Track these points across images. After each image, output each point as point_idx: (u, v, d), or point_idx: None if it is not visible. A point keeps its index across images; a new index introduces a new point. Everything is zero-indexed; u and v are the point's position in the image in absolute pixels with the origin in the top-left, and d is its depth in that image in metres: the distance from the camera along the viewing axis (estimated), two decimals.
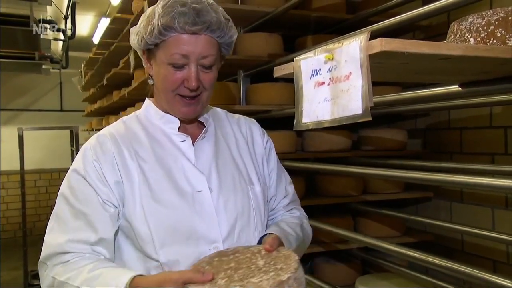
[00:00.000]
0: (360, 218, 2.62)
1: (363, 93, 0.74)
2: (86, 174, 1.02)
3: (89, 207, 1.00)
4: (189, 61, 1.01)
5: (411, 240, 2.52)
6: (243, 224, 1.06)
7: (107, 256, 1.01)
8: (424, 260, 1.59)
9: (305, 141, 2.49)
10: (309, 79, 0.86)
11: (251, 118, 1.28)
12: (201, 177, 1.05)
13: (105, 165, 1.02)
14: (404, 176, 1.63)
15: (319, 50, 0.84)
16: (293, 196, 1.26)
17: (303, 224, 1.22)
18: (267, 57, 2.35)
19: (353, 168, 1.95)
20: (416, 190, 2.66)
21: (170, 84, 1.03)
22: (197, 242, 1.00)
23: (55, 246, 0.99)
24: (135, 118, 1.13)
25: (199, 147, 1.09)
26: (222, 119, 1.20)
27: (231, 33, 1.06)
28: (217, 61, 1.06)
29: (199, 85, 1.03)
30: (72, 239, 0.98)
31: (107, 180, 1.01)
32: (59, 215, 1.02)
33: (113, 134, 1.07)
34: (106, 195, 1.01)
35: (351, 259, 2.62)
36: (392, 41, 0.72)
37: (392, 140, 2.52)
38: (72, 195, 1.02)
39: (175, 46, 1.00)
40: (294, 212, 1.24)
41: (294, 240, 1.10)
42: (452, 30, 0.91)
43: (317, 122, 0.84)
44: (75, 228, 1.00)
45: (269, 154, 1.22)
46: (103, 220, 1.00)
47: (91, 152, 1.04)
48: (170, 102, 1.07)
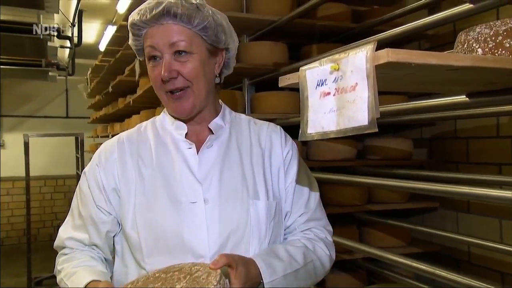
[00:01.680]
0: (365, 228, 2.60)
1: (369, 104, 0.73)
2: (89, 177, 1.09)
3: (86, 211, 1.07)
4: (161, 53, 1.00)
5: (417, 250, 2.49)
6: (236, 241, 1.00)
7: (103, 255, 1.09)
8: (430, 272, 1.56)
9: (310, 150, 2.48)
10: (315, 89, 0.85)
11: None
12: (198, 188, 1.02)
13: (104, 171, 1.06)
14: (410, 186, 1.61)
15: (325, 60, 0.83)
16: (314, 213, 1.13)
17: (316, 248, 1.08)
18: (272, 65, 2.35)
19: (358, 178, 1.93)
20: (421, 200, 2.63)
21: (153, 81, 1.04)
22: (184, 255, 0.98)
23: (60, 239, 1.10)
24: (152, 123, 1.15)
25: (203, 155, 1.06)
26: (242, 126, 1.14)
27: (200, 17, 1.00)
28: (196, 50, 1.01)
29: (175, 76, 1.00)
30: (72, 237, 1.09)
31: (104, 186, 1.05)
32: (72, 210, 1.12)
33: (122, 140, 1.10)
34: (100, 201, 1.05)
35: (356, 269, 2.60)
36: (399, 51, 0.71)
37: (398, 150, 2.50)
38: (79, 194, 1.10)
39: (146, 40, 1.03)
40: (309, 233, 1.11)
41: (282, 268, 0.98)
42: (460, 40, 0.90)
43: (322, 133, 0.82)
44: (77, 226, 1.09)
45: (289, 166, 1.12)
46: (94, 226, 1.06)
47: (97, 157, 1.10)
48: (165, 102, 1.07)
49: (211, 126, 1.09)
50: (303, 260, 1.04)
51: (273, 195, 1.08)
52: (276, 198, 1.08)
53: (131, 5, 3.26)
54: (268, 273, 0.95)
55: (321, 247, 1.10)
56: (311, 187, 1.15)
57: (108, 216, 1.05)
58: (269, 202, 1.05)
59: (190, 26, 1.00)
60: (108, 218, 1.05)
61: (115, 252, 1.10)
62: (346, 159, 2.43)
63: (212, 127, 1.09)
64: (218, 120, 1.11)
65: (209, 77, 1.06)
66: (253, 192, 1.05)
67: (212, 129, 1.09)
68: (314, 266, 1.07)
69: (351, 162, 2.45)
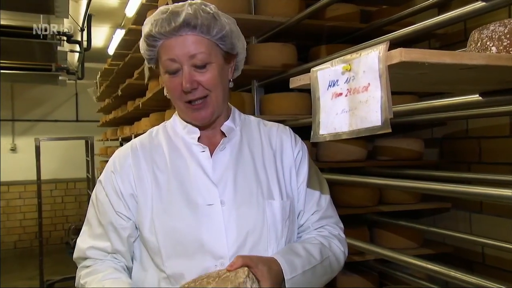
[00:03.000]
0: (376, 229, 2.58)
1: (382, 104, 0.72)
2: (105, 185, 1.08)
3: (105, 219, 1.07)
4: (180, 64, 1.01)
5: (429, 252, 2.46)
6: (254, 241, 1.02)
7: (125, 263, 1.08)
8: (443, 273, 1.54)
9: (320, 151, 2.47)
10: (326, 90, 0.85)
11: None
12: (214, 190, 1.03)
13: (120, 177, 1.06)
14: (421, 187, 1.59)
15: (336, 60, 0.83)
16: (326, 211, 1.15)
17: (331, 245, 1.11)
18: (281, 67, 2.35)
19: (368, 178, 1.92)
20: (433, 200, 2.61)
21: (172, 92, 1.05)
22: (203, 257, 0.99)
23: (81, 250, 1.09)
24: (163, 128, 1.16)
25: (217, 158, 1.07)
26: (252, 128, 1.16)
27: (218, 27, 1.01)
28: (214, 59, 1.02)
29: (195, 87, 1.01)
30: (93, 246, 1.07)
31: (122, 192, 1.06)
32: (88, 220, 1.11)
33: (135, 146, 1.11)
34: (119, 207, 1.05)
35: (367, 271, 2.58)
36: (412, 51, 0.70)
37: (408, 150, 2.48)
38: (96, 203, 1.09)
39: (164, 53, 1.02)
40: (323, 230, 1.14)
41: (301, 265, 1.01)
42: (473, 39, 0.89)
43: (334, 134, 0.82)
44: (97, 235, 1.08)
45: (299, 165, 1.14)
46: (115, 233, 1.05)
47: (111, 164, 1.10)
48: (182, 111, 1.08)
49: (223, 129, 1.10)
50: (320, 256, 1.06)
51: (286, 195, 1.09)
52: (289, 198, 1.10)
53: (140, 9, 3.28)
54: (289, 270, 0.98)
55: (336, 244, 1.13)
56: (322, 186, 1.17)
57: (128, 221, 1.05)
58: (283, 202, 1.07)
59: (209, 36, 1.02)
60: (128, 223, 1.05)
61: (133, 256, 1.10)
62: (356, 160, 2.41)
63: (224, 129, 1.10)
64: (229, 122, 1.12)
65: (225, 83, 1.08)
66: (268, 193, 1.07)
67: (224, 131, 1.10)
68: (330, 262, 1.09)
69: (362, 163, 2.43)
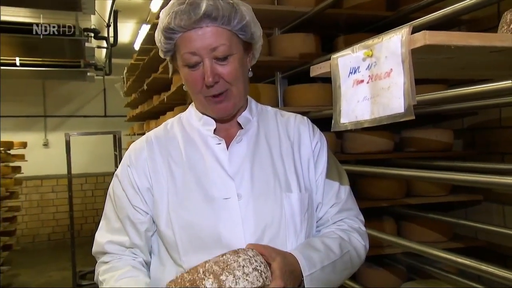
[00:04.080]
0: (404, 222, 2.52)
1: (405, 90, 0.69)
2: (122, 179, 1.07)
3: (122, 213, 1.06)
4: (201, 57, 0.97)
5: (459, 245, 2.39)
6: (272, 234, 0.99)
7: (143, 258, 1.07)
8: (475, 267, 1.48)
9: (345, 143, 2.43)
10: (347, 77, 0.82)
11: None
12: (231, 183, 1.01)
13: (136, 171, 1.05)
14: (451, 178, 1.53)
15: (357, 46, 0.80)
16: (345, 204, 1.12)
17: (351, 239, 1.07)
18: (305, 58, 2.31)
19: (396, 170, 1.87)
20: (463, 192, 2.52)
21: (192, 86, 1.02)
22: (221, 251, 0.95)
23: (99, 245, 1.08)
24: (178, 120, 1.14)
25: (234, 150, 1.05)
26: (269, 119, 1.13)
27: (238, 17, 0.98)
28: (234, 50, 0.99)
29: (217, 81, 0.98)
30: (111, 241, 1.06)
31: (138, 186, 1.04)
32: (106, 214, 1.11)
33: (150, 139, 1.09)
34: (136, 201, 1.04)
35: (394, 264, 2.53)
36: (437, 33, 0.66)
37: (437, 141, 2.40)
38: (113, 197, 1.09)
39: (183, 46, 0.99)
40: (342, 224, 1.10)
41: (320, 260, 0.98)
42: (505, 20, 0.84)
43: (356, 122, 0.79)
44: (115, 229, 1.07)
45: (318, 157, 1.11)
46: (133, 227, 1.04)
47: (127, 157, 1.09)
48: (203, 105, 1.05)
49: (240, 120, 1.08)
50: (340, 251, 1.03)
51: (304, 187, 1.06)
52: (308, 190, 1.07)
53: (164, 4, 3.28)
54: (307, 266, 0.95)
55: (356, 238, 1.09)
56: (341, 177, 1.14)
57: (145, 215, 1.04)
58: (301, 194, 1.04)
59: (230, 27, 0.98)
60: (145, 217, 1.04)
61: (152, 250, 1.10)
62: (383, 152, 2.36)
63: (241, 121, 1.08)
64: (246, 113, 1.10)
65: (245, 74, 1.06)
66: (285, 185, 1.04)
67: (241, 123, 1.08)
68: (350, 257, 1.05)
69: (388, 154, 2.38)
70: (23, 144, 5.77)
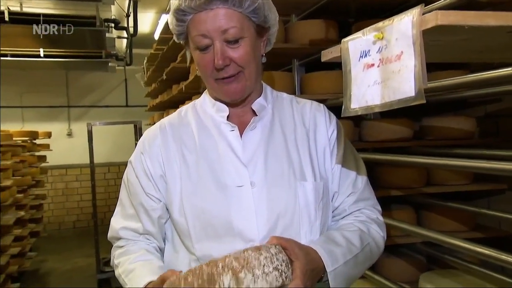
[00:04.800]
0: (424, 211, 2.47)
1: (416, 73, 0.67)
2: (135, 166, 1.08)
3: (136, 200, 1.06)
4: (211, 40, 0.96)
5: (481, 235, 2.33)
6: (285, 223, 0.98)
7: (157, 244, 1.08)
8: (497, 257, 1.43)
9: (363, 131, 2.39)
10: (358, 61, 0.80)
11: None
12: (244, 171, 1.00)
13: (150, 158, 1.05)
14: (473, 165, 1.46)
15: (368, 29, 0.78)
16: (362, 193, 1.09)
17: (370, 230, 1.05)
18: (322, 45, 2.27)
19: (415, 158, 1.82)
20: (487, 181, 2.45)
21: (203, 69, 1.01)
22: (233, 239, 0.96)
23: (114, 230, 1.10)
24: (192, 107, 1.13)
25: (247, 137, 1.03)
26: (284, 106, 1.11)
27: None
28: (246, 34, 0.98)
29: (228, 64, 0.97)
30: (126, 227, 1.08)
31: (151, 173, 1.04)
32: (121, 200, 1.12)
33: (164, 126, 1.09)
34: (149, 188, 1.04)
35: (413, 254, 2.49)
36: (450, 13, 0.63)
37: (458, 129, 2.33)
38: (127, 184, 1.09)
39: (194, 28, 0.98)
40: (360, 215, 1.08)
41: (342, 254, 0.96)
42: None
43: (366, 107, 0.77)
44: (130, 216, 1.08)
45: (334, 145, 1.08)
46: (146, 214, 1.05)
47: (141, 144, 1.09)
48: (213, 88, 1.04)
49: (254, 107, 1.06)
50: (361, 244, 1.01)
51: (320, 176, 1.04)
52: (323, 179, 1.05)
53: None
54: (330, 261, 0.93)
55: (375, 229, 1.07)
56: (358, 166, 1.11)
57: (158, 203, 1.04)
58: (316, 183, 1.02)
59: (241, 9, 0.96)
60: (158, 205, 1.04)
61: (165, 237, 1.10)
62: (402, 139, 2.31)
63: (256, 107, 1.06)
64: (261, 100, 1.08)
65: (258, 59, 1.04)
66: (300, 174, 1.02)
67: (255, 109, 1.06)
68: (370, 249, 1.03)
69: (407, 142, 2.33)
70: (47, 134, 5.91)
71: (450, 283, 2.06)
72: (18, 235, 4.21)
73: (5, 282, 3.82)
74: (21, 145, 4.96)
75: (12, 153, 4.38)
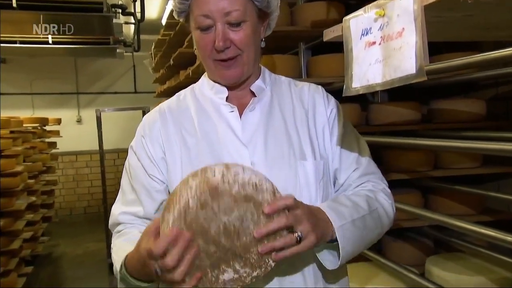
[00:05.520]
0: (431, 195, 2.46)
1: (417, 50, 0.65)
2: (137, 150, 1.08)
3: (138, 183, 1.06)
4: (213, 21, 0.96)
5: (489, 219, 2.31)
6: None
7: None
8: (506, 240, 1.42)
9: (370, 115, 2.37)
10: (359, 39, 0.79)
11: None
12: (244, 151, 1.00)
13: (150, 141, 1.05)
14: (481, 147, 1.42)
15: (370, 6, 0.76)
16: (367, 168, 1.09)
17: (377, 197, 1.05)
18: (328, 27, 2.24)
19: (423, 140, 1.80)
20: (496, 165, 2.41)
21: (202, 49, 1.01)
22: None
23: (114, 216, 1.10)
24: (191, 90, 1.13)
25: (247, 118, 1.04)
26: (283, 88, 1.12)
27: None
28: (248, 17, 0.98)
29: (228, 46, 0.97)
30: (125, 211, 1.08)
31: (153, 156, 1.05)
32: (122, 187, 1.11)
33: (163, 109, 1.10)
34: (152, 170, 1.04)
35: (421, 238, 2.48)
36: None
37: (468, 112, 2.29)
38: (129, 169, 1.09)
39: (197, 7, 0.98)
40: (366, 185, 1.08)
41: (349, 213, 0.95)
42: None
43: (367, 86, 0.76)
44: (130, 201, 1.08)
45: (333, 124, 1.09)
46: (148, 196, 1.05)
47: (141, 129, 1.09)
48: (211, 69, 1.04)
49: (253, 89, 1.07)
50: (368, 207, 1.00)
51: (320, 155, 1.05)
52: (323, 158, 1.05)
53: None
54: (337, 218, 0.92)
55: (383, 197, 1.06)
56: (360, 144, 1.11)
57: (161, 184, 1.05)
58: (316, 162, 1.02)
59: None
60: (161, 186, 1.04)
61: None
62: (409, 122, 2.29)
63: (254, 89, 1.07)
64: (260, 82, 1.09)
65: (257, 43, 1.04)
66: (300, 153, 1.02)
67: (254, 91, 1.07)
68: (379, 214, 1.02)
69: (415, 126, 2.30)
70: (57, 121, 5.96)
71: (456, 266, 2.06)
72: (30, 220, 4.28)
73: (19, 266, 3.90)
74: (32, 131, 5.01)
75: (22, 139, 4.43)
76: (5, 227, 3.55)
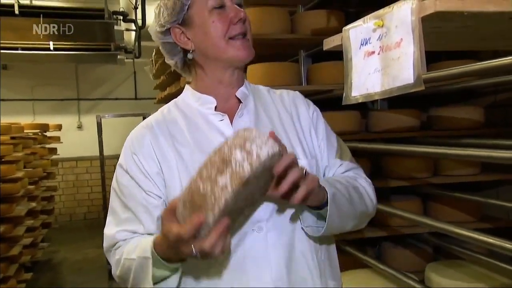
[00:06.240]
0: (431, 202, 2.47)
1: (414, 60, 0.67)
2: (128, 168, 1.04)
3: (132, 202, 1.03)
4: (223, 1, 1.04)
5: (488, 226, 2.32)
6: (283, 203, 0.98)
7: None
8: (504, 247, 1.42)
9: (370, 122, 2.39)
10: (358, 49, 0.80)
11: (308, 97, 1.22)
12: None
13: (143, 157, 1.03)
14: (483, 155, 1.43)
15: (369, 17, 0.78)
16: (349, 164, 1.16)
17: (358, 180, 1.11)
18: (329, 35, 2.26)
19: (422, 147, 1.81)
20: (495, 172, 2.43)
21: (221, 26, 1.03)
22: (240, 223, 0.97)
23: (110, 238, 1.05)
24: (174, 105, 1.13)
25: (238, 124, 1.06)
26: (263, 95, 1.16)
27: None
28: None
29: (244, 17, 1.04)
30: (123, 229, 1.03)
31: (147, 171, 1.02)
32: (112, 208, 1.06)
33: (150, 124, 1.08)
34: (149, 186, 1.02)
35: (420, 245, 2.49)
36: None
37: (467, 119, 2.31)
38: (120, 189, 1.05)
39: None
40: (348, 173, 1.15)
41: (333, 184, 1.01)
42: None
43: (366, 95, 0.78)
44: (125, 219, 1.03)
45: (316, 124, 1.15)
46: (147, 214, 1.01)
47: (129, 146, 1.07)
48: (225, 51, 1.05)
49: (239, 95, 1.10)
50: (348, 183, 1.06)
51: (310, 154, 1.09)
52: (313, 157, 1.10)
53: None
54: (327, 185, 0.97)
55: (364, 182, 1.12)
56: (340, 143, 1.18)
57: (159, 199, 1.02)
58: (308, 161, 1.07)
59: None
60: (159, 201, 1.01)
61: None
62: (409, 130, 2.30)
63: (240, 95, 1.10)
64: (243, 88, 1.12)
65: None
66: None
67: (240, 97, 1.09)
68: (361, 193, 1.08)
69: (414, 133, 2.32)
70: (58, 127, 5.97)
71: (456, 273, 2.06)
72: (30, 226, 4.28)
73: (18, 272, 3.89)
74: (32, 137, 5.02)
75: (23, 145, 4.43)
76: (5, 233, 3.54)
